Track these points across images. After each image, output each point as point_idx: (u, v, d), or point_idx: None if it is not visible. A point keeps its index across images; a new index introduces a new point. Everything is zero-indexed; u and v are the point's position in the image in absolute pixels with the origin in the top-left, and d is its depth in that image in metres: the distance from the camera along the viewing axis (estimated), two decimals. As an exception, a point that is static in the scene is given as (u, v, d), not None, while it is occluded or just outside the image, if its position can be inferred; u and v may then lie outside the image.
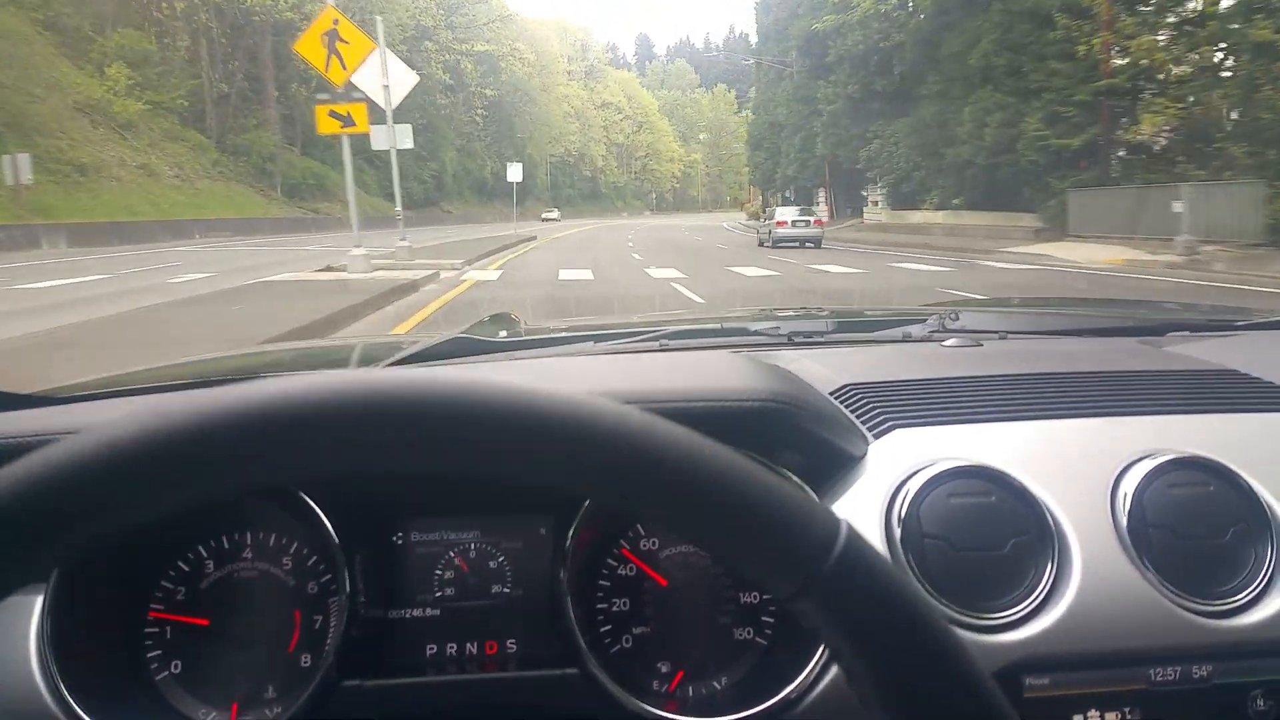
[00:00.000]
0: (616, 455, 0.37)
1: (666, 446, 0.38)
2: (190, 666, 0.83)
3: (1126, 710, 0.76)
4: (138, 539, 0.82)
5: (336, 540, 0.80)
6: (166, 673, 0.83)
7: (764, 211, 34.73)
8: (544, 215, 68.47)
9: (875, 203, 39.89)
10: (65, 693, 0.73)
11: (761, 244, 25.62)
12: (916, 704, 0.38)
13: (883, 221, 35.60)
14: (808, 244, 24.32)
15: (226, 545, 0.86)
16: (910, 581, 0.36)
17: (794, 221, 25.12)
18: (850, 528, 0.39)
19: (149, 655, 0.83)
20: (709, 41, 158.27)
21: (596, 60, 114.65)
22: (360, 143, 13.35)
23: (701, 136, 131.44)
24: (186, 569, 0.86)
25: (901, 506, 0.80)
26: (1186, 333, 1.36)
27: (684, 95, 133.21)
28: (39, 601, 0.76)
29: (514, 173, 31.09)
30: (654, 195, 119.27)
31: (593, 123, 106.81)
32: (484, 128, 73.50)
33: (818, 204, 40.59)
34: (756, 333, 1.40)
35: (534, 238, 29.93)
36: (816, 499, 0.36)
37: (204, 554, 0.86)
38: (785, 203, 37.81)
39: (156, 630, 0.84)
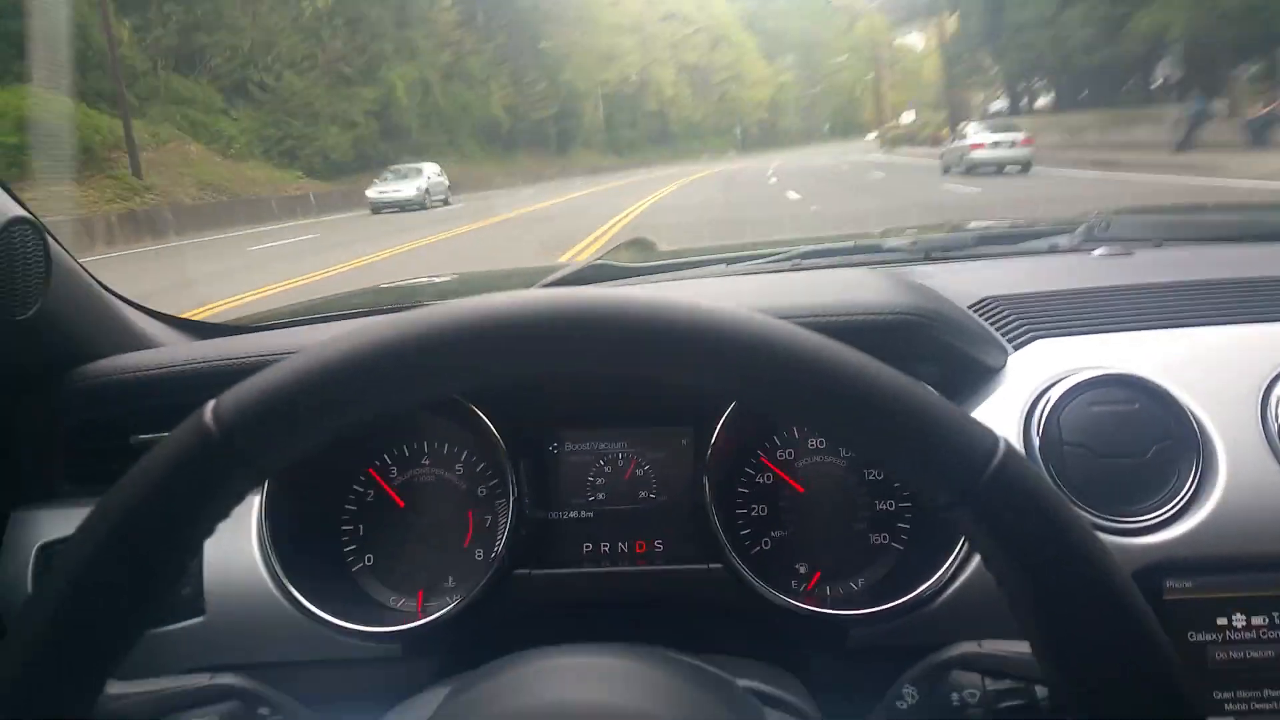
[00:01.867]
0: (789, 369, 0.41)
1: (838, 362, 0.42)
2: (381, 559, 0.97)
3: (1275, 615, 0.77)
4: (333, 447, 0.92)
5: (504, 447, 0.91)
6: (361, 564, 0.97)
7: (953, 132, 27.95)
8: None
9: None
10: (282, 576, 0.87)
11: (948, 170, 21.76)
12: (1063, 608, 0.42)
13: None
14: (1010, 168, 20.12)
15: (407, 454, 0.99)
16: (1062, 497, 0.42)
17: (994, 143, 20.51)
18: (1009, 444, 0.42)
19: (346, 550, 0.97)
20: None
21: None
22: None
23: (789, 58, 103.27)
24: (375, 475, 0.98)
25: (1041, 415, 0.84)
26: None
27: (763, 3, 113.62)
28: (257, 503, 0.90)
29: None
30: (739, 130, 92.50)
31: (656, 39, 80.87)
32: (487, 38, 50.85)
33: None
34: (891, 249, 1.39)
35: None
36: (976, 419, 0.42)
37: (388, 460, 0.99)
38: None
39: (351, 527, 0.98)
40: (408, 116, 38.44)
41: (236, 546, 0.89)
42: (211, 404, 0.43)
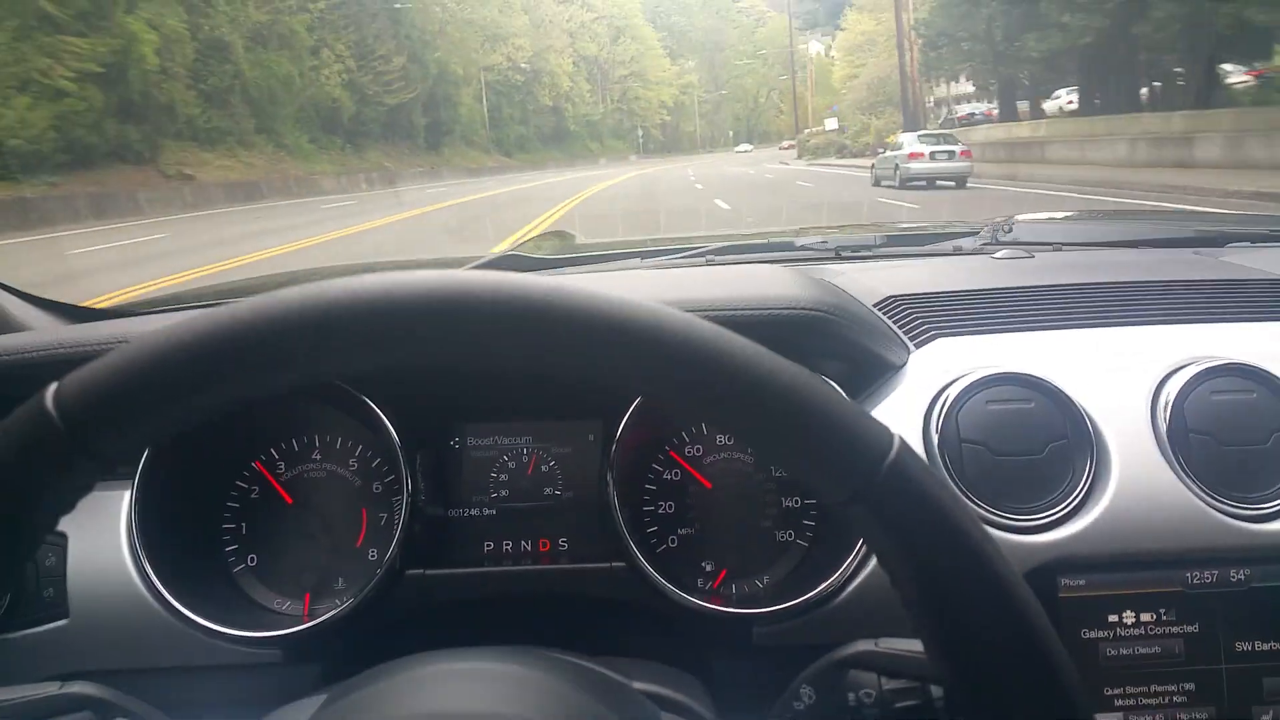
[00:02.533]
0: (682, 360, 0.40)
1: (732, 354, 0.41)
2: (265, 559, 0.92)
3: (1163, 611, 0.80)
4: (215, 440, 0.90)
5: (398, 441, 0.88)
6: (243, 565, 0.92)
7: (884, 143, 27.62)
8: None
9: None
10: (153, 577, 0.82)
11: (878, 183, 19.86)
12: (955, 606, 0.42)
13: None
14: (942, 183, 18.47)
15: (296, 448, 0.95)
16: (956, 494, 0.42)
17: (934, 153, 18.59)
18: (903, 441, 0.42)
19: (227, 550, 0.92)
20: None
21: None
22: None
23: (692, 61, 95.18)
24: (261, 469, 0.94)
25: (940, 413, 0.86)
26: (1246, 244, 1.37)
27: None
28: (126, 496, 0.85)
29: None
30: (640, 132, 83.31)
31: (552, 23, 70.31)
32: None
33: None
34: (803, 248, 1.43)
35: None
36: (870, 414, 0.42)
37: (275, 455, 0.95)
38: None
39: (233, 526, 0.93)
40: (166, 87, 25.52)
41: (104, 544, 0.84)
42: (53, 387, 0.40)
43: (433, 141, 48.32)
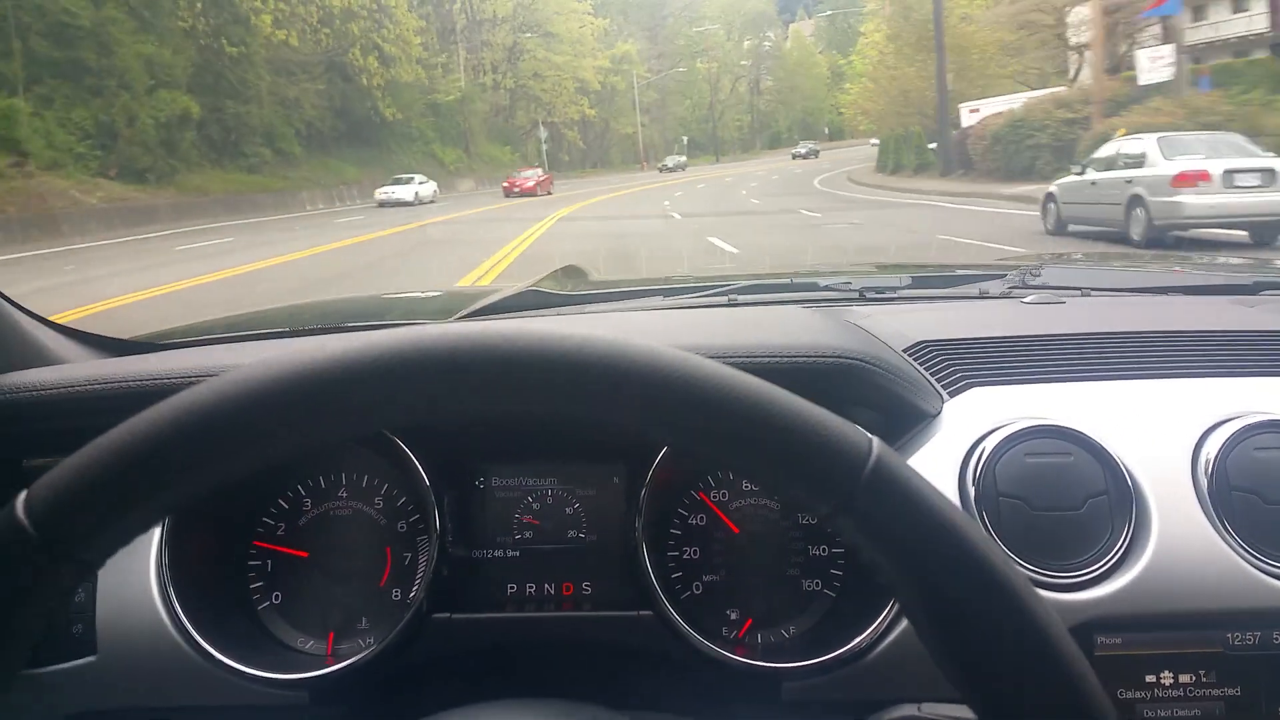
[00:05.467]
0: (649, 386, 0.40)
1: (697, 376, 0.40)
2: (289, 597, 0.92)
3: (1202, 673, 0.78)
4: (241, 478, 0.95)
5: (427, 482, 0.88)
6: (268, 603, 0.92)
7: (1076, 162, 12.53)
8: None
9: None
10: (181, 615, 0.82)
11: (1061, 229, 11.45)
12: (957, 612, 0.40)
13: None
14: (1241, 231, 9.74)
15: (323, 485, 0.95)
16: (942, 494, 0.41)
17: (1232, 174, 9.32)
18: (881, 444, 0.41)
19: (252, 587, 0.92)
20: None
21: None
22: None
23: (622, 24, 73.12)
24: (286, 506, 0.94)
25: (977, 465, 0.84)
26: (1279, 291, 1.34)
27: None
28: (156, 536, 0.85)
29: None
30: (542, 133, 57.60)
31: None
32: None
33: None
34: (828, 288, 1.40)
35: None
36: (847, 421, 0.41)
37: (302, 492, 0.94)
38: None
39: (259, 563, 0.93)
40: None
41: (133, 580, 0.84)
42: (23, 495, 0.38)
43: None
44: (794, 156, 60.04)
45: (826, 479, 0.40)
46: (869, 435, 0.41)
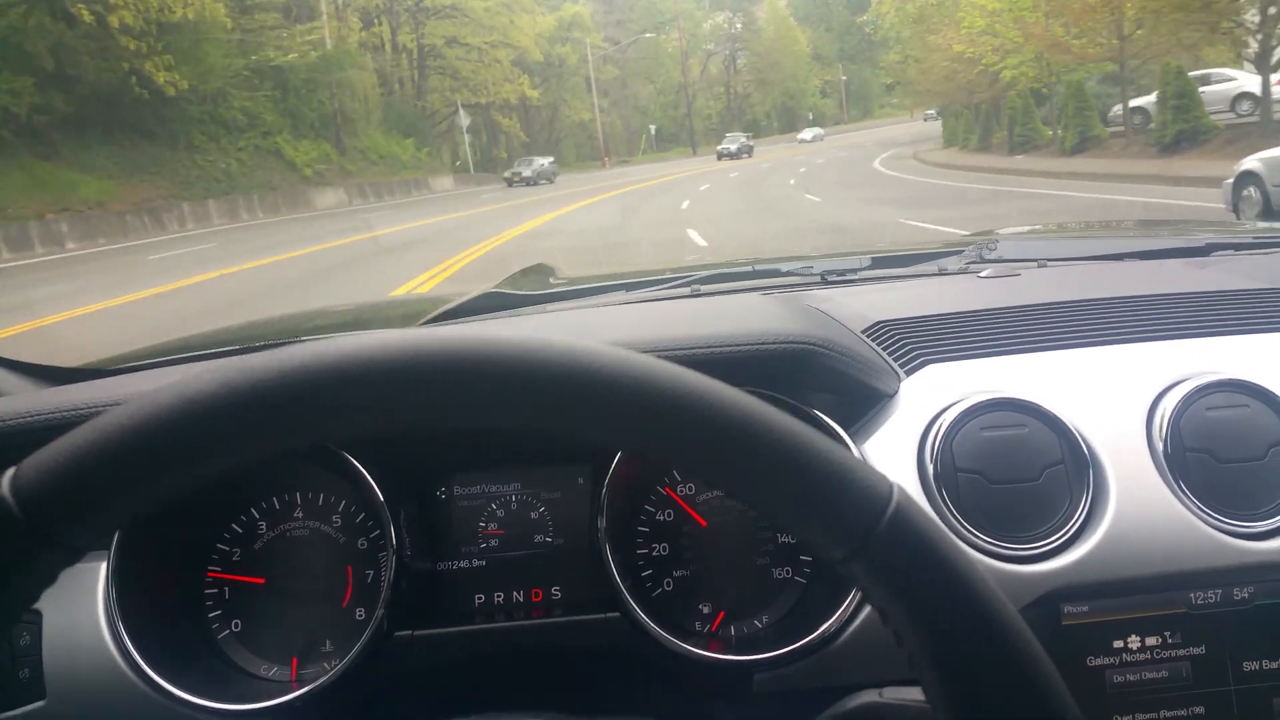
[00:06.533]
0: (668, 416, 0.39)
1: (721, 408, 0.39)
2: (250, 625, 0.90)
3: (1168, 634, 0.79)
4: (193, 503, 0.88)
5: (381, 497, 0.86)
6: (228, 631, 0.90)
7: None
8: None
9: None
10: (133, 652, 0.80)
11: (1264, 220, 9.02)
12: (963, 668, 0.40)
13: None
14: None
15: (278, 506, 0.93)
16: (960, 546, 0.41)
17: None
18: (902, 491, 0.41)
19: (210, 615, 0.90)
20: None
21: None
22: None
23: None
24: (240, 531, 0.92)
25: (935, 442, 0.85)
26: (1231, 251, 1.35)
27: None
28: (103, 567, 0.83)
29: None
30: (464, 124, 41.06)
31: None
32: None
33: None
34: (789, 273, 1.40)
35: None
36: (868, 462, 0.40)
37: (256, 515, 0.92)
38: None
39: (216, 591, 0.91)
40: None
41: (81, 619, 0.82)
42: (10, 473, 0.37)
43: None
44: (799, 142, 54.35)
45: (843, 523, 0.39)
46: (891, 482, 0.41)
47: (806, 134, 56.49)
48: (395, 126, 38.52)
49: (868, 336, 0.99)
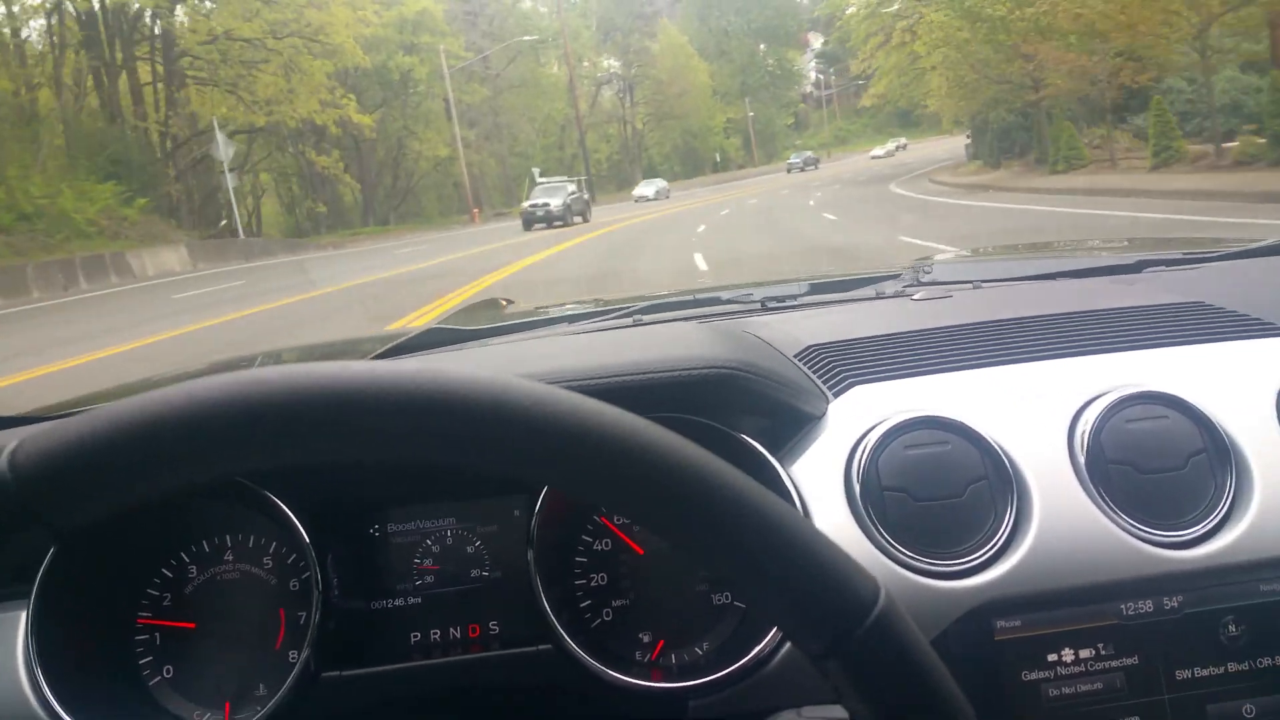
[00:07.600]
0: (657, 487, 0.38)
1: (713, 488, 0.38)
2: (182, 670, 0.89)
3: (1101, 646, 0.80)
4: (118, 548, 0.87)
5: (306, 538, 0.85)
6: (159, 678, 0.88)
7: None
8: None
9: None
10: (55, 704, 0.78)
11: None
12: None
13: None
14: None
15: (208, 549, 0.92)
16: (938, 660, 0.40)
17: None
18: (889, 595, 0.40)
19: (140, 662, 0.89)
20: None
21: None
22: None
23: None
24: (170, 575, 0.91)
25: (860, 462, 0.85)
26: (1162, 268, 1.38)
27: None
28: (23, 617, 0.81)
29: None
30: (221, 141, 25.73)
31: None
32: None
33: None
34: (730, 300, 1.43)
35: None
36: (856, 561, 0.40)
37: (186, 559, 0.91)
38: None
39: (146, 637, 0.89)
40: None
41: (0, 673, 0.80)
42: (10, 446, 0.38)
43: None
44: (789, 169, 51.57)
45: (824, 621, 0.39)
46: (879, 584, 0.40)
47: (796, 159, 52.55)
48: (93, 161, 22.33)
49: (799, 360, 1.00)
